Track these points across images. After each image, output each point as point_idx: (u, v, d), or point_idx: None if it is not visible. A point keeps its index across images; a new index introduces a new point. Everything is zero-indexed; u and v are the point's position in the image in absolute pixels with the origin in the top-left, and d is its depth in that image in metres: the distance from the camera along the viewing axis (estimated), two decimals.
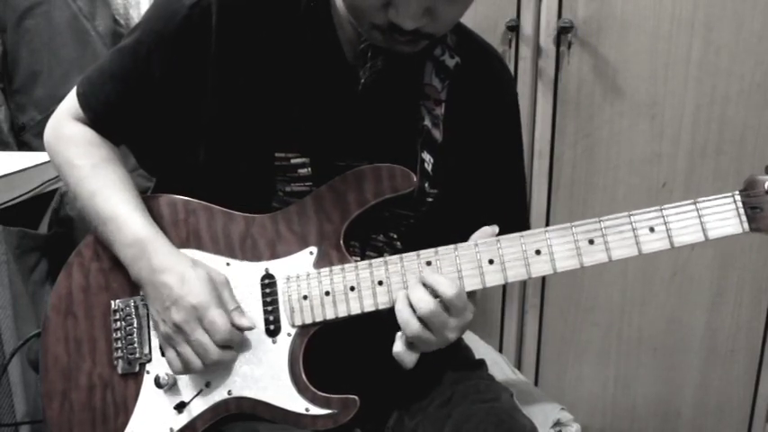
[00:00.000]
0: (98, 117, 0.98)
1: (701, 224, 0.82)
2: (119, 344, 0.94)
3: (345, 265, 0.90)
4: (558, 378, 1.86)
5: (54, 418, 0.95)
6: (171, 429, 0.92)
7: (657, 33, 1.58)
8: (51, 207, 1.59)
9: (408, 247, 0.89)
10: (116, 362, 0.94)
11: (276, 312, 0.91)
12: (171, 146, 0.98)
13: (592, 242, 0.84)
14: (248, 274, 0.92)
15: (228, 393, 0.91)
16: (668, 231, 0.82)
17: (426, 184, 0.97)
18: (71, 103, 1.00)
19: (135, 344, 0.94)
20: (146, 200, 0.97)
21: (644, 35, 1.59)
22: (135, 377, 0.94)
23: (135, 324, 0.94)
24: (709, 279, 1.71)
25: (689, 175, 1.65)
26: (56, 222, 1.59)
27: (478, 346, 1.56)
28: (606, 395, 1.85)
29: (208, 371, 0.89)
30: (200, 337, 0.86)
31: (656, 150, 1.65)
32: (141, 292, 0.93)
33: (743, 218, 0.81)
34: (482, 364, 1.09)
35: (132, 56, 0.95)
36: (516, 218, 1.04)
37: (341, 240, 0.91)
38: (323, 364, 0.91)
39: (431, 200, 0.99)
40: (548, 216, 1.75)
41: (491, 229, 0.87)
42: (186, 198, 0.96)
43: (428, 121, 0.97)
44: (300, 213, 0.92)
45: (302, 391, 0.90)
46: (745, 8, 1.54)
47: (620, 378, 1.83)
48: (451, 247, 0.87)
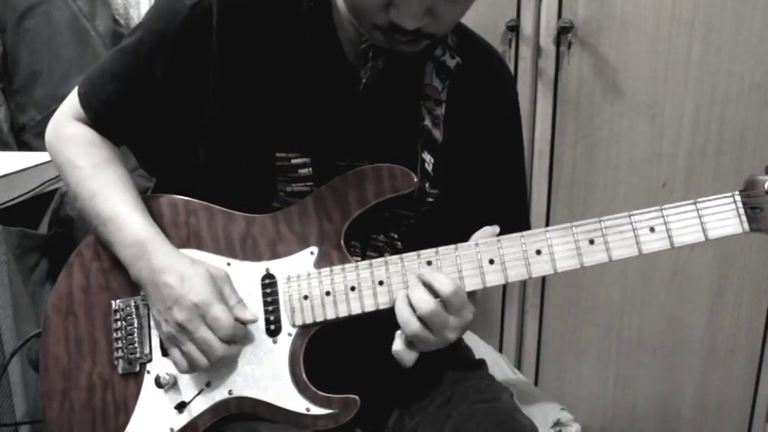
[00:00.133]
0: (99, 117, 0.98)
1: (701, 224, 0.82)
2: (119, 344, 0.94)
3: (346, 265, 0.90)
4: (558, 378, 1.86)
5: (54, 418, 0.95)
6: (171, 429, 0.92)
7: (657, 33, 1.58)
8: (51, 207, 1.59)
9: (409, 247, 0.89)
10: (116, 362, 0.94)
11: (277, 312, 0.91)
12: (172, 146, 0.98)
13: (592, 242, 0.84)
14: (249, 273, 0.92)
15: (229, 393, 0.91)
16: (668, 231, 0.82)
17: (427, 185, 0.97)
18: (72, 103, 1.00)
19: (135, 344, 0.94)
20: (146, 200, 0.97)
21: (644, 35, 1.59)
22: (135, 377, 0.94)
23: (135, 324, 0.94)
24: (709, 279, 1.71)
25: (689, 175, 1.65)
26: (56, 222, 1.59)
27: (478, 346, 1.56)
28: (606, 395, 1.85)
29: (211, 369, 0.89)
30: (204, 334, 0.86)
31: (656, 150, 1.65)
32: (142, 292, 0.93)
33: (743, 218, 0.81)
34: (482, 364, 1.09)
35: (133, 56, 0.95)
36: (517, 218, 1.04)
37: (341, 240, 0.91)
38: (323, 364, 0.91)
39: (431, 200, 0.99)
40: (548, 216, 1.74)
41: (492, 230, 0.88)
42: (187, 198, 0.96)
43: (429, 122, 0.97)
44: (301, 213, 0.92)
45: (303, 390, 0.90)
46: (745, 8, 1.54)
47: (620, 378, 1.83)
48: (452, 246, 0.87)
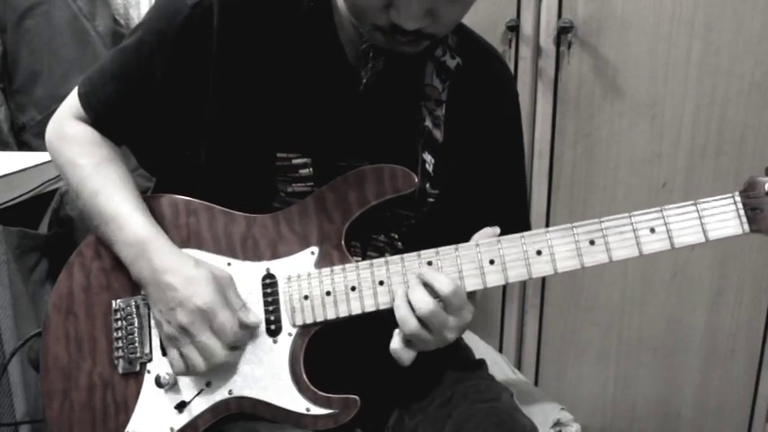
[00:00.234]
0: (99, 116, 0.98)
1: (701, 225, 0.82)
2: (119, 343, 0.94)
3: (346, 265, 0.90)
4: (558, 378, 1.86)
5: (54, 418, 0.95)
6: (171, 429, 0.92)
7: (657, 33, 1.58)
8: (51, 207, 1.58)
9: (409, 248, 0.89)
10: (117, 361, 0.94)
11: (277, 312, 0.91)
12: (172, 146, 0.98)
13: (592, 243, 0.84)
14: (249, 273, 0.92)
15: (229, 393, 0.91)
16: (669, 232, 0.82)
17: (427, 185, 0.97)
18: (72, 103, 1.00)
19: (136, 343, 0.94)
20: (147, 200, 0.97)
21: (644, 35, 1.59)
22: (135, 377, 0.94)
23: (136, 324, 0.94)
24: (709, 279, 1.71)
25: (689, 175, 1.65)
26: (56, 222, 1.58)
27: (478, 346, 1.56)
28: (606, 395, 1.85)
29: (208, 372, 0.89)
30: (206, 339, 0.86)
31: (656, 150, 1.65)
32: (142, 292, 0.93)
33: (743, 219, 0.81)
34: (482, 364, 1.09)
35: (134, 55, 0.95)
36: (517, 218, 1.04)
37: (342, 240, 0.91)
38: (324, 364, 0.91)
39: (432, 200, 0.99)
40: (548, 216, 1.75)
41: (492, 230, 0.87)
42: (187, 198, 0.96)
43: (429, 122, 0.97)
44: (302, 213, 0.92)
45: (303, 390, 0.90)
46: (745, 8, 1.54)
47: (620, 378, 1.83)
48: (452, 247, 0.87)
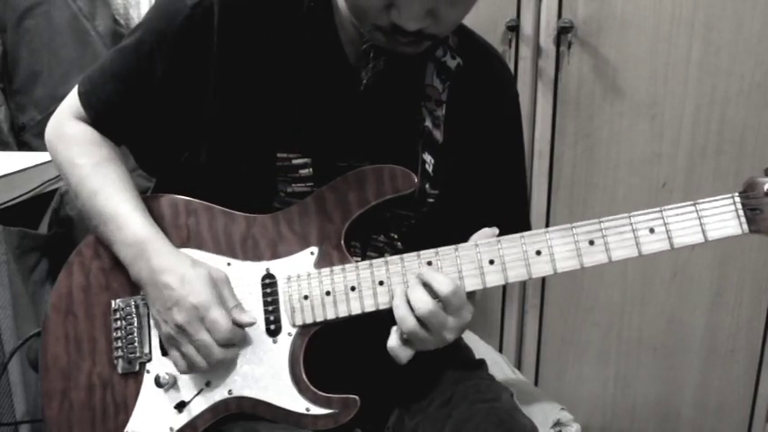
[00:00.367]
0: (99, 116, 0.98)
1: (700, 225, 0.82)
2: (119, 343, 0.94)
3: (346, 266, 0.90)
4: (558, 378, 1.86)
5: (53, 418, 0.95)
6: (171, 429, 0.92)
7: (657, 33, 1.58)
8: (51, 207, 1.59)
9: (409, 248, 0.89)
10: (116, 361, 0.94)
11: (277, 312, 0.91)
12: (172, 146, 0.98)
13: (592, 243, 0.84)
14: (249, 273, 0.92)
15: (229, 393, 0.91)
16: (668, 232, 0.82)
17: (427, 185, 0.97)
18: (72, 102, 1.00)
19: (135, 343, 0.94)
20: (147, 200, 0.97)
21: (644, 35, 1.59)
22: (135, 376, 0.94)
23: (135, 323, 0.94)
24: (709, 279, 1.71)
25: (689, 175, 1.65)
26: (56, 222, 1.59)
27: (478, 346, 1.56)
28: (606, 395, 1.85)
29: (210, 370, 0.89)
30: (203, 337, 0.86)
31: (656, 150, 1.65)
32: (141, 292, 0.93)
33: (742, 219, 0.81)
34: (482, 364, 1.09)
35: (134, 55, 0.95)
36: (517, 218, 1.04)
37: (342, 240, 0.91)
38: (323, 364, 0.91)
39: (431, 200, 0.99)
40: (548, 216, 1.74)
41: (491, 231, 0.87)
42: (187, 198, 0.96)
43: (429, 122, 0.97)
44: (301, 213, 0.92)
45: (303, 390, 0.90)
46: (745, 8, 1.54)
47: (620, 378, 1.83)
48: (452, 247, 0.87)
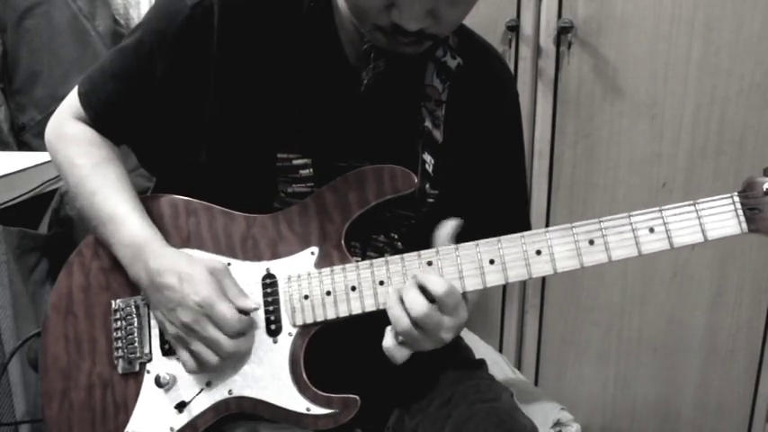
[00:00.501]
0: (99, 116, 0.98)
1: (700, 225, 0.82)
2: (119, 343, 0.94)
3: (347, 265, 0.90)
4: (558, 378, 1.86)
5: (53, 418, 0.95)
6: (171, 429, 0.92)
7: (657, 33, 1.58)
8: (51, 207, 1.58)
9: (409, 248, 0.89)
10: (116, 361, 0.94)
11: (277, 312, 0.91)
12: (172, 146, 0.98)
13: (592, 243, 0.84)
14: (249, 273, 0.92)
15: (229, 393, 0.91)
16: (668, 232, 0.82)
17: (427, 185, 0.97)
18: (72, 103, 1.00)
19: (135, 343, 0.94)
20: (147, 200, 0.97)
21: (644, 35, 1.59)
22: (135, 377, 0.94)
23: (135, 323, 0.94)
24: (709, 279, 1.71)
25: (689, 175, 1.65)
26: (56, 222, 1.58)
27: (478, 346, 1.56)
28: (606, 395, 1.85)
29: (217, 367, 0.89)
30: (212, 333, 0.87)
31: (656, 150, 1.65)
32: (142, 293, 0.93)
33: (741, 219, 0.81)
34: (482, 364, 1.09)
35: (134, 55, 0.95)
36: (517, 217, 1.05)
37: (342, 240, 0.91)
38: (324, 364, 0.91)
39: (431, 200, 0.99)
40: (548, 216, 1.75)
41: (452, 223, 0.87)
42: (187, 198, 0.96)
43: (429, 123, 0.97)
44: (302, 213, 0.92)
45: (303, 390, 0.90)
46: (745, 8, 1.54)
47: (620, 378, 1.83)
48: (453, 247, 0.87)
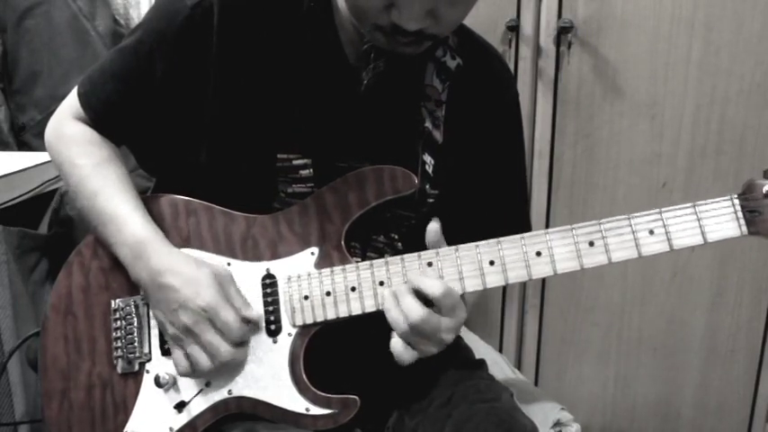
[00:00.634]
0: (99, 116, 0.98)
1: (699, 227, 0.82)
2: (118, 343, 0.94)
3: (346, 266, 0.89)
4: (558, 378, 1.86)
5: (53, 418, 0.95)
6: (171, 429, 0.92)
7: (657, 33, 1.58)
8: (51, 207, 1.59)
9: (409, 248, 0.89)
10: (116, 361, 0.94)
11: (277, 312, 0.91)
12: (172, 146, 0.98)
13: (592, 244, 0.84)
14: (249, 274, 0.92)
15: (229, 393, 0.91)
16: (667, 234, 0.82)
17: (427, 186, 0.97)
18: (72, 103, 1.00)
19: (135, 343, 0.94)
20: (146, 200, 0.97)
21: (644, 35, 1.59)
22: (135, 376, 0.94)
23: (135, 323, 0.94)
24: (709, 279, 1.71)
25: (689, 175, 1.65)
26: (56, 222, 1.58)
27: (478, 346, 1.56)
28: (606, 395, 1.85)
29: (210, 373, 0.89)
30: (211, 338, 0.87)
31: (656, 150, 1.65)
32: (142, 292, 0.93)
33: (741, 221, 0.81)
34: (482, 364, 1.09)
35: (133, 55, 0.95)
36: (517, 218, 1.05)
37: (342, 241, 0.91)
38: (323, 364, 0.91)
39: (431, 201, 0.99)
40: (548, 216, 1.75)
41: (434, 227, 0.86)
42: (187, 198, 0.96)
43: (429, 123, 0.97)
44: (302, 214, 0.92)
45: (303, 390, 0.90)
46: (745, 8, 1.54)
47: (620, 378, 1.83)
48: (453, 248, 0.87)
